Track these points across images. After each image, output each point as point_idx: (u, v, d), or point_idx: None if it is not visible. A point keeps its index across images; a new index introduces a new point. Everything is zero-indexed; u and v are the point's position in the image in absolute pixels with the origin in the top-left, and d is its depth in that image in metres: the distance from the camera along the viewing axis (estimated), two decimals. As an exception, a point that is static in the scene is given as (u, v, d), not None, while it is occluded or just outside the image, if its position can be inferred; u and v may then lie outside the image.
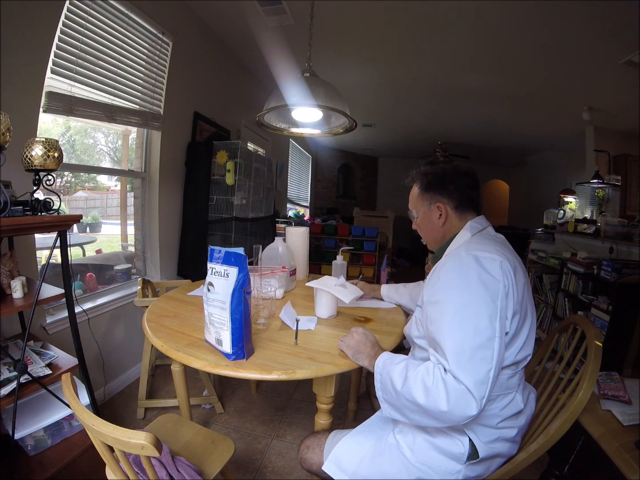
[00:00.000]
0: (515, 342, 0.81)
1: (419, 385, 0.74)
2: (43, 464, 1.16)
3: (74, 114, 1.64)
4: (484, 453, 0.82)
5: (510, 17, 2.16)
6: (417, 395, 0.74)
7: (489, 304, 0.75)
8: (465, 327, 0.74)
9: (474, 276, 0.77)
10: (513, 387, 0.85)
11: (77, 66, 1.62)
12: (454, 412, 0.70)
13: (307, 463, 0.98)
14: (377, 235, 4.69)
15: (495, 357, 0.72)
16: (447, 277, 0.81)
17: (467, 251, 0.82)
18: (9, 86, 1.32)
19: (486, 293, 0.75)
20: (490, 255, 0.80)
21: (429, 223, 1.00)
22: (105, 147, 2.37)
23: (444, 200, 0.96)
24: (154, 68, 2.11)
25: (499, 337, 0.74)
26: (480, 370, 0.71)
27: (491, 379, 0.71)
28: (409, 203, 1.06)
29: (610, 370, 1.32)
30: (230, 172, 2.41)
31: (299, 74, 1.41)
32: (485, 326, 0.73)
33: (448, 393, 0.70)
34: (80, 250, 2.31)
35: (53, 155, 1.15)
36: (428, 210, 0.99)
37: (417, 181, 1.03)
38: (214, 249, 0.96)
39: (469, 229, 0.93)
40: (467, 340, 0.73)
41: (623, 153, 3.95)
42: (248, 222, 2.64)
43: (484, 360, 0.72)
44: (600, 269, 2.32)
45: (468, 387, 0.69)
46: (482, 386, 0.70)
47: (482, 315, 0.74)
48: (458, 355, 0.72)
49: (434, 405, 0.72)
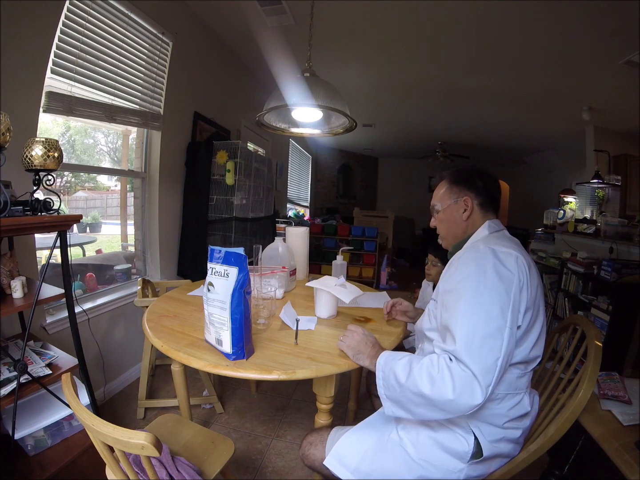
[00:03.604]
0: (527, 339, 0.82)
1: (424, 376, 0.75)
2: (43, 464, 1.16)
3: (74, 114, 1.64)
4: (487, 452, 0.82)
5: (510, 17, 2.16)
6: (423, 386, 0.74)
7: (502, 294, 0.77)
8: (477, 314, 0.75)
9: (490, 267, 0.79)
10: (522, 388, 0.85)
11: (77, 66, 1.62)
12: (460, 400, 0.71)
13: (309, 459, 0.98)
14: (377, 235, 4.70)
15: (504, 347, 0.73)
16: (464, 267, 0.83)
17: (485, 244, 0.85)
18: (9, 86, 1.32)
19: (501, 284, 0.77)
20: (507, 250, 0.82)
21: (452, 217, 1.01)
22: (105, 147, 2.37)
23: (471, 195, 0.98)
24: (154, 68, 2.11)
25: (509, 328, 0.75)
26: (488, 358, 0.72)
27: (498, 367, 0.72)
28: (432, 199, 1.07)
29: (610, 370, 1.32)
30: (230, 172, 2.41)
31: (299, 74, 1.40)
32: (497, 315, 0.75)
33: (454, 380, 0.71)
34: (80, 250, 2.30)
35: (53, 155, 1.15)
36: (454, 204, 1.00)
37: (446, 177, 1.05)
38: (214, 249, 0.96)
39: (487, 228, 0.95)
40: (479, 327, 0.74)
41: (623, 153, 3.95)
42: (248, 222, 2.64)
43: (493, 349, 0.73)
44: (600, 269, 2.32)
45: (474, 372, 0.70)
46: (488, 374, 0.71)
47: (495, 305, 0.76)
48: (468, 340, 0.73)
49: (440, 395, 0.72)
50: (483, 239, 0.91)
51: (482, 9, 2.11)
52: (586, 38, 2.29)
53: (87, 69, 1.68)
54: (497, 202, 1.01)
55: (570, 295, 2.68)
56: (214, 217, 2.48)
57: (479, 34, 2.42)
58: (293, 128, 1.68)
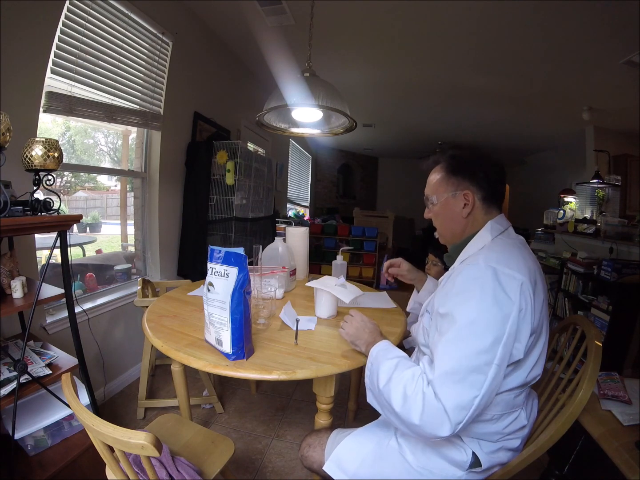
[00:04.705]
0: (525, 363, 0.77)
1: (400, 391, 0.73)
2: (43, 464, 1.16)
3: (74, 114, 1.64)
4: (487, 463, 0.81)
5: (510, 17, 2.16)
6: (395, 401, 0.73)
7: (497, 325, 0.69)
8: (467, 345, 0.69)
9: (489, 292, 0.71)
10: (519, 405, 0.82)
11: (77, 66, 1.62)
12: (425, 427, 0.68)
13: (308, 461, 0.98)
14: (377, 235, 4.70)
15: (486, 385, 0.68)
16: (461, 287, 0.75)
17: (486, 262, 0.75)
18: (9, 86, 1.32)
19: (498, 313, 0.70)
20: (511, 272, 0.73)
21: (450, 212, 0.89)
22: (105, 147, 2.37)
23: (472, 188, 0.86)
24: (154, 68, 2.11)
25: (497, 365, 0.69)
26: (465, 395, 0.67)
27: (474, 406, 0.67)
28: (426, 187, 0.94)
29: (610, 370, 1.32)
30: (230, 172, 2.41)
31: (299, 74, 1.41)
32: (487, 349, 0.68)
33: (424, 408, 0.68)
34: (80, 250, 2.30)
35: (53, 155, 1.15)
36: (452, 197, 0.88)
37: (442, 163, 0.91)
38: (214, 249, 0.96)
39: (490, 230, 0.84)
40: (464, 360, 0.68)
41: (623, 153, 3.96)
42: (248, 222, 2.64)
43: (474, 386, 0.67)
44: (600, 269, 2.32)
45: (446, 408, 0.66)
46: (462, 411, 0.66)
47: (487, 337, 0.69)
48: (449, 373, 0.68)
49: (407, 416, 0.70)
50: (485, 252, 0.80)
51: (482, 9, 2.11)
52: (586, 38, 2.29)
53: (87, 69, 1.68)
54: (502, 195, 0.89)
55: (570, 295, 2.68)
56: (214, 217, 2.48)
57: (479, 34, 2.42)
58: (293, 128, 1.68)
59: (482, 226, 0.86)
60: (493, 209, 0.88)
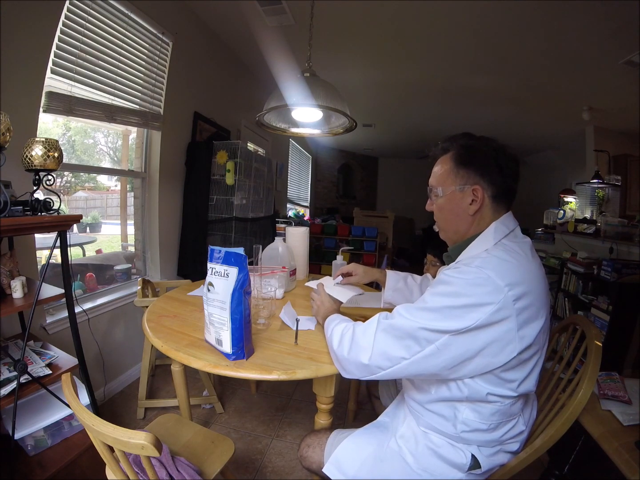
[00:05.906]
0: (511, 375, 0.73)
1: (347, 333, 0.84)
2: (43, 464, 1.16)
3: (74, 114, 1.64)
4: (486, 466, 0.81)
5: (511, 17, 2.16)
6: (340, 337, 0.85)
7: (455, 319, 0.67)
8: (420, 317, 0.70)
9: (465, 290, 0.69)
10: (515, 413, 0.80)
11: (77, 66, 1.62)
12: (353, 349, 0.79)
13: (307, 461, 0.98)
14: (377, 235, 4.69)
15: (418, 356, 0.69)
16: (443, 279, 0.74)
17: (479, 267, 0.70)
18: (9, 86, 1.32)
19: (462, 310, 0.67)
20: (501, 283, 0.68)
21: (455, 207, 0.82)
22: (105, 147, 2.37)
23: (482, 184, 0.78)
24: (154, 68, 2.11)
25: (436, 347, 0.68)
26: (396, 351, 0.72)
27: (399, 366, 0.70)
28: (431, 177, 0.87)
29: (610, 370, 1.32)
30: (230, 172, 2.41)
31: (299, 74, 1.41)
32: (434, 330, 0.68)
33: (364, 333, 0.78)
34: (80, 250, 2.30)
35: (53, 155, 1.15)
36: (459, 191, 0.80)
37: (452, 152, 0.83)
38: (214, 249, 0.96)
39: (493, 233, 0.78)
40: (410, 325, 0.71)
41: (623, 153, 3.95)
42: (248, 222, 2.64)
43: (407, 349, 0.70)
44: (600, 269, 2.32)
45: (374, 347, 0.74)
46: (385, 361, 0.73)
47: (440, 322, 0.67)
48: (394, 327, 0.73)
49: (348, 338, 0.82)
50: (484, 255, 0.74)
51: (482, 9, 2.11)
52: (586, 38, 2.29)
53: (87, 69, 1.68)
54: (513, 193, 0.81)
55: (570, 295, 2.68)
56: (214, 217, 2.48)
57: (479, 34, 2.42)
58: (293, 128, 1.68)
59: (488, 227, 0.80)
60: (502, 209, 0.81)
